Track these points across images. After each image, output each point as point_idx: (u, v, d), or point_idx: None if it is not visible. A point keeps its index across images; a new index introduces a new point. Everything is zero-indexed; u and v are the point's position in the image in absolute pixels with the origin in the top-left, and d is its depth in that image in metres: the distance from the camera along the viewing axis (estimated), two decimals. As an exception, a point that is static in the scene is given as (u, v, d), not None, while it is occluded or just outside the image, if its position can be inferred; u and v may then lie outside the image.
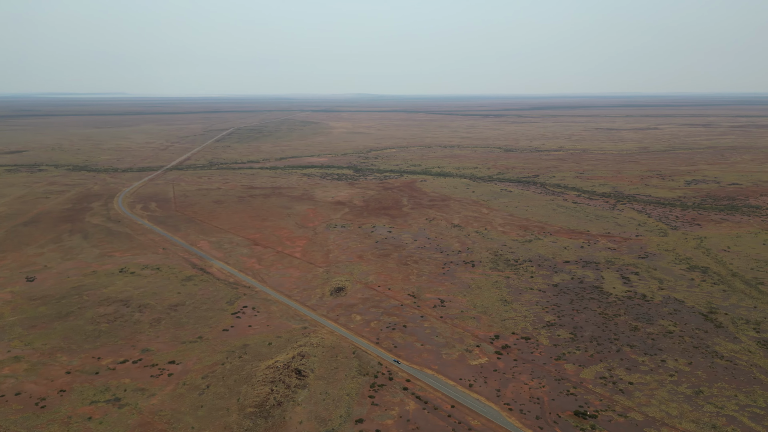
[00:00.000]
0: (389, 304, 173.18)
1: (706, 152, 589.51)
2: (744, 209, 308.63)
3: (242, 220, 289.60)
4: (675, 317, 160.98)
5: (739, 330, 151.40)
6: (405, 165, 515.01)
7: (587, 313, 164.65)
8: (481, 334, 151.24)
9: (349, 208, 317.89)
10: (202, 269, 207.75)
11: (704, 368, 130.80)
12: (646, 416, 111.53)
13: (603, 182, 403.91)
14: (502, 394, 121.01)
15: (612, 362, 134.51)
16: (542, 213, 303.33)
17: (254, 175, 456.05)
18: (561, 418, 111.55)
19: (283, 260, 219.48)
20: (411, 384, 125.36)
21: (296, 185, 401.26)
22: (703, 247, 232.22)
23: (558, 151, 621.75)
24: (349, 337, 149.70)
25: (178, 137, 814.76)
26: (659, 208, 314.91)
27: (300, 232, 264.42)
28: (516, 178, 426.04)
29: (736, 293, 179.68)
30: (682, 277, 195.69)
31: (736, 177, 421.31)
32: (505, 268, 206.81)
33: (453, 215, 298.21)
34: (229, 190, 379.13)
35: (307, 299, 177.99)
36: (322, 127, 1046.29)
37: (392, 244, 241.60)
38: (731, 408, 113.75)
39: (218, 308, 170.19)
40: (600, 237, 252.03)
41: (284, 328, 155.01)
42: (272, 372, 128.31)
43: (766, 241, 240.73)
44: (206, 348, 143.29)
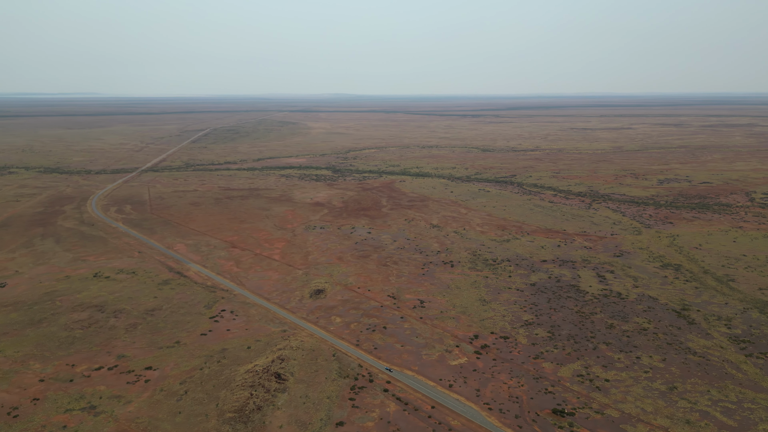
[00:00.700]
0: (369, 305, 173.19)
1: (678, 151, 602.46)
2: (715, 207, 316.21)
3: (219, 222, 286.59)
4: (649, 314, 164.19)
5: (711, 326, 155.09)
6: (384, 165, 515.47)
7: (564, 312, 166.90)
8: (460, 334, 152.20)
9: (328, 209, 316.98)
10: (179, 273, 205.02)
11: (678, 364, 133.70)
12: (622, 413, 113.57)
13: (579, 182, 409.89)
14: (481, 393, 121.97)
15: (589, 360, 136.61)
16: (519, 212, 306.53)
17: (231, 176, 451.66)
18: (540, 416, 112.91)
19: (262, 262, 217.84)
20: (391, 385, 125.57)
21: (274, 186, 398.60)
22: (676, 245, 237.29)
23: (534, 151, 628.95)
24: (329, 339, 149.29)
25: (152, 138, 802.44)
26: (633, 206, 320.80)
27: (278, 233, 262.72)
28: (494, 178, 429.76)
29: (707, 290, 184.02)
30: (656, 275, 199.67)
31: (707, 176, 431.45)
32: (483, 268, 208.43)
33: (432, 215, 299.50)
34: (206, 192, 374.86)
35: (287, 302, 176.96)
36: (300, 127, 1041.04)
37: (372, 245, 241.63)
38: (704, 403, 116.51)
39: (196, 312, 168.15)
40: (576, 236, 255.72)
41: (263, 332, 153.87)
42: (251, 376, 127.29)
43: (737, 238, 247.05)
44: (184, 353, 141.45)
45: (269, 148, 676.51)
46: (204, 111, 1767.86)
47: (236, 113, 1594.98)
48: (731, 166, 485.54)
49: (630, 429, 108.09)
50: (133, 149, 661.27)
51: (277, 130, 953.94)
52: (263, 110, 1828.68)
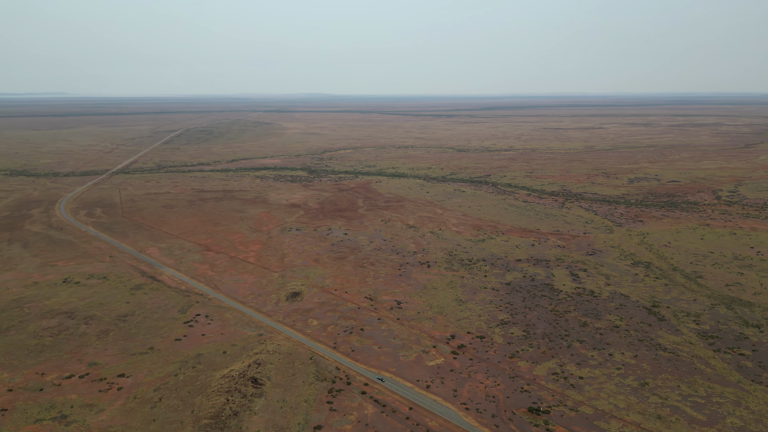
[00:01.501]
0: (346, 307, 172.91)
1: (648, 151, 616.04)
2: (683, 205, 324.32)
3: (193, 225, 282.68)
4: (621, 312, 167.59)
5: (680, 322, 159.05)
6: (360, 166, 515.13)
7: (539, 311, 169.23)
8: (437, 335, 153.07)
9: (304, 211, 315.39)
10: (152, 277, 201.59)
11: (649, 360, 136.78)
12: (596, 409, 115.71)
13: (552, 181, 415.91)
14: (458, 393, 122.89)
15: (563, 358, 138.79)
16: (494, 212, 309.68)
17: (205, 178, 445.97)
18: (516, 415, 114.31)
19: (237, 266, 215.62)
20: (369, 388, 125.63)
21: (249, 188, 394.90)
22: (646, 243, 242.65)
23: (508, 150, 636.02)
24: (306, 342, 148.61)
25: (123, 139, 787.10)
26: (605, 205, 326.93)
27: (254, 236, 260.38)
28: (468, 178, 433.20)
29: (677, 287, 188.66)
30: (627, 273, 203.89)
31: (675, 174, 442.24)
32: (459, 268, 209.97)
33: (408, 216, 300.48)
34: (179, 194, 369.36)
35: (263, 305, 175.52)
36: (274, 127, 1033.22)
37: (348, 246, 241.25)
38: (675, 398, 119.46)
39: (170, 317, 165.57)
40: (550, 235, 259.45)
41: (239, 336, 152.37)
42: (227, 381, 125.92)
43: (704, 236, 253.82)
44: (158, 359, 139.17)
45: (243, 149, 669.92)
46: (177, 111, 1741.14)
47: (209, 113, 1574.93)
48: (698, 164, 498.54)
49: (603, 425, 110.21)
50: (103, 151, 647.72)
51: (252, 131, 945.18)
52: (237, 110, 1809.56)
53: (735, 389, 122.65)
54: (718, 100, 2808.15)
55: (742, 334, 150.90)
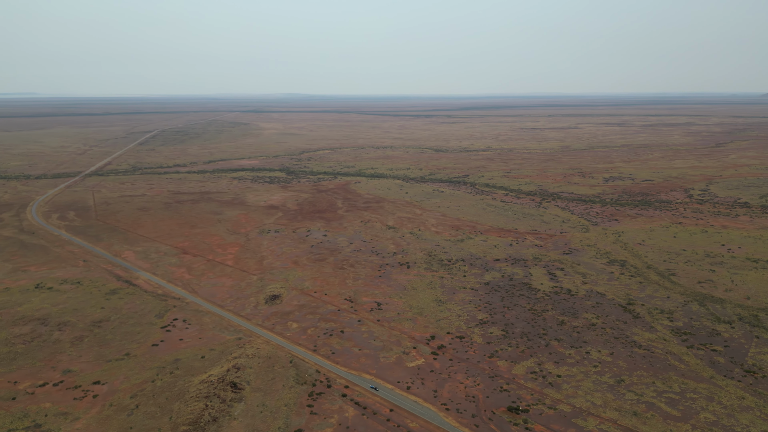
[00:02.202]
0: (326, 309, 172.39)
1: (622, 150, 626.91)
2: (656, 204, 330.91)
3: (170, 227, 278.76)
4: (597, 310, 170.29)
5: (654, 320, 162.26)
6: (338, 166, 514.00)
7: (517, 310, 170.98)
8: (417, 336, 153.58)
9: (282, 212, 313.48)
10: (128, 281, 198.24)
11: (624, 358, 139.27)
12: (574, 407, 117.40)
13: (529, 181, 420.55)
14: (439, 394, 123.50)
15: (541, 357, 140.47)
16: (473, 212, 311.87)
17: (181, 179, 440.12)
18: (496, 414, 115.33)
19: (215, 269, 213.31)
20: (350, 390, 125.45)
21: (226, 189, 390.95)
22: (621, 242, 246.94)
23: (486, 150, 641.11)
24: (285, 345, 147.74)
25: (97, 140, 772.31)
26: (581, 204, 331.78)
27: (232, 238, 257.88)
28: (447, 179, 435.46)
29: (651, 284, 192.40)
30: (603, 271, 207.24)
31: (649, 173, 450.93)
32: (439, 269, 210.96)
33: (388, 217, 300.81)
34: (155, 196, 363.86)
35: (241, 309, 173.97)
36: (252, 128, 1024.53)
37: (328, 248, 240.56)
38: (650, 395, 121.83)
39: (146, 322, 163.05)
40: (527, 234, 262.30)
41: (218, 340, 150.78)
42: (206, 387, 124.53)
43: (677, 234, 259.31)
44: (134, 365, 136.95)
45: (220, 150, 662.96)
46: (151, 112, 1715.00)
47: (185, 114, 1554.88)
48: (671, 164, 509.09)
49: (581, 423, 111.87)
50: (76, 152, 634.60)
51: (229, 131, 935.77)
52: (213, 110, 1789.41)
53: (708, 385, 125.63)
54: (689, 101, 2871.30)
55: (714, 330, 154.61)
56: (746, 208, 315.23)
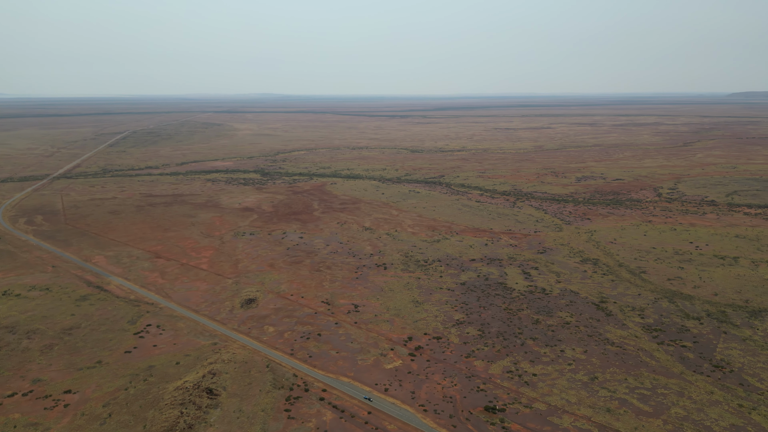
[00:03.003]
0: (303, 312, 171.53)
1: (593, 150, 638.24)
2: (627, 203, 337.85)
3: (142, 231, 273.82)
4: (571, 308, 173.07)
5: (626, 317, 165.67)
6: (314, 167, 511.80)
7: (493, 310, 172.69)
8: (394, 337, 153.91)
9: (257, 215, 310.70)
10: (99, 287, 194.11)
11: (598, 355, 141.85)
12: (549, 405, 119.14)
13: (503, 181, 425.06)
14: (416, 395, 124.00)
15: (517, 356, 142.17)
16: (449, 213, 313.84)
17: (153, 182, 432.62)
18: (473, 414, 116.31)
19: (189, 273, 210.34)
20: (327, 393, 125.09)
21: (200, 192, 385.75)
22: (594, 240, 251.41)
23: (461, 151, 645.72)
24: (262, 350, 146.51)
25: (65, 142, 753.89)
26: (554, 204, 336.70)
27: (206, 241, 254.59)
28: (423, 179, 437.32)
29: (622, 282, 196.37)
30: (576, 270, 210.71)
31: (620, 173, 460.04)
32: (415, 269, 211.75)
33: (364, 218, 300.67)
34: (126, 199, 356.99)
35: (217, 313, 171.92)
36: (225, 128, 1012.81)
37: (304, 250, 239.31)
38: (622, 391, 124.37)
39: (119, 329, 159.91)
40: (502, 234, 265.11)
41: (193, 346, 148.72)
42: (181, 393, 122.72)
43: (647, 232, 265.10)
44: (107, 373, 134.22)
45: (193, 151, 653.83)
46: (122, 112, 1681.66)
47: (157, 114, 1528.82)
48: (640, 163, 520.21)
49: (556, 420, 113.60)
50: (44, 154, 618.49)
51: (202, 132, 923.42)
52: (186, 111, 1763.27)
53: (678, 380, 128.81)
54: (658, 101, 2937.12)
55: (684, 326, 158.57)
56: (713, 206, 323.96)
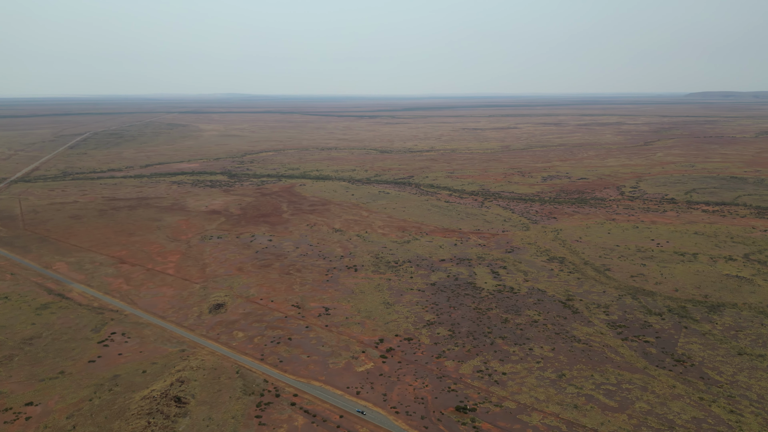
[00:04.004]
0: (273, 317, 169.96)
1: (559, 149, 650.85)
2: (591, 201, 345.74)
3: (105, 236, 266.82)
4: (539, 307, 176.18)
5: (592, 314, 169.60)
6: (283, 169, 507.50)
7: (463, 309, 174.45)
8: (366, 340, 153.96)
9: (225, 217, 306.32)
10: (61, 295, 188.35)
11: (565, 352, 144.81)
12: (519, 403, 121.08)
13: (471, 181, 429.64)
14: (388, 398, 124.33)
15: (487, 355, 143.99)
16: (418, 213, 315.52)
17: (117, 185, 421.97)
18: (444, 415, 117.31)
19: (155, 278, 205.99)
20: (299, 398, 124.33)
21: (165, 194, 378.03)
22: (560, 239, 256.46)
23: (430, 151, 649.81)
24: (231, 356, 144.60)
25: (22, 144, 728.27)
26: (521, 203, 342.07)
27: (172, 246, 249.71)
28: (393, 180, 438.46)
29: (588, 280, 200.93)
30: (544, 268, 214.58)
31: (584, 172, 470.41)
32: (386, 271, 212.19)
33: (334, 219, 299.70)
34: (88, 203, 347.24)
35: (184, 319, 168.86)
36: (191, 129, 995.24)
37: (273, 253, 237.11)
38: (589, 387, 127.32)
39: (82, 337, 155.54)
40: (471, 234, 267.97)
41: (160, 353, 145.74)
42: (148, 403, 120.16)
43: (611, 230, 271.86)
44: (70, 383, 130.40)
45: (158, 153, 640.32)
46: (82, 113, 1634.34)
47: (119, 115, 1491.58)
48: (604, 162, 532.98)
49: (526, 418, 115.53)
50: (0, 157, 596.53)
51: (166, 133, 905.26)
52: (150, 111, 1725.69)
53: (642, 375, 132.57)
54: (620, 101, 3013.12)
55: (647, 322, 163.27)
56: (673, 204, 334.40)
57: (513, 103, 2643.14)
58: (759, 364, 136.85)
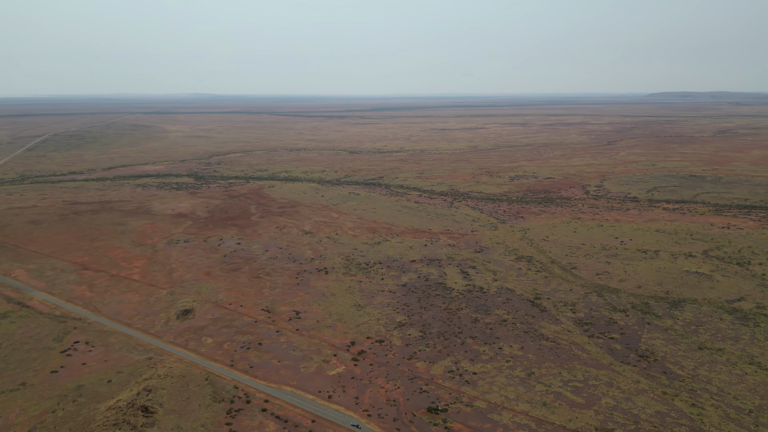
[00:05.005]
0: (242, 321, 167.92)
1: (525, 149, 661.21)
2: (557, 201, 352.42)
3: (67, 241, 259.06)
4: (508, 306, 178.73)
5: (559, 312, 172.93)
6: (251, 170, 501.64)
7: (434, 310, 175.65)
8: (337, 343, 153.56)
9: (192, 221, 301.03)
10: (20, 303, 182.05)
11: (534, 351, 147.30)
12: (489, 403, 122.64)
13: (440, 181, 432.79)
14: (360, 401, 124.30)
15: (458, 355, 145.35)
16: (388, 214, 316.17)
17: (78, 188, 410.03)
18: (416, 416, 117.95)
19: (120, 284, 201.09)
20: (269, 404, 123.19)
21: (129, 198, 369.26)
22: (527, 238, 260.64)
23: (399, 152, 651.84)
24: (200, 362, 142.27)
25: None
26: (489, 203, 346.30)
27: (137, 250, 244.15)
28: (362, 181, 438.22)
29: (555, 279, 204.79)
30: (512, 268, 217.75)
31: (550, 171, 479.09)
32: (357, 273, 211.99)
33: (304, 222, 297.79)
34: (48, 208, 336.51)
35: (151, 326, 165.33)
36: (156, 130, 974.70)
37: (242, 256, 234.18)
38: (557, 385, 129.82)
39: (43, 347, 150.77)
40: (441, 234, 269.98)
41: (126, 362, 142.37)
42: (114, 413, 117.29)
43: (576, 229, 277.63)
44: (32, 395, 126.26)
45: (121, 155, 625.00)
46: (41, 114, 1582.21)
47: (80, 116, 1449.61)
48: (569, 162, 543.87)
49: (496, 417, 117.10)
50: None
51: (130, 135, 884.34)
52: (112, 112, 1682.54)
53: (608, 371, 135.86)
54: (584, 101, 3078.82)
55: (612, 319, 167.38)
56: (635, 202, 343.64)
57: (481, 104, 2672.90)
58: (718, 358, 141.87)
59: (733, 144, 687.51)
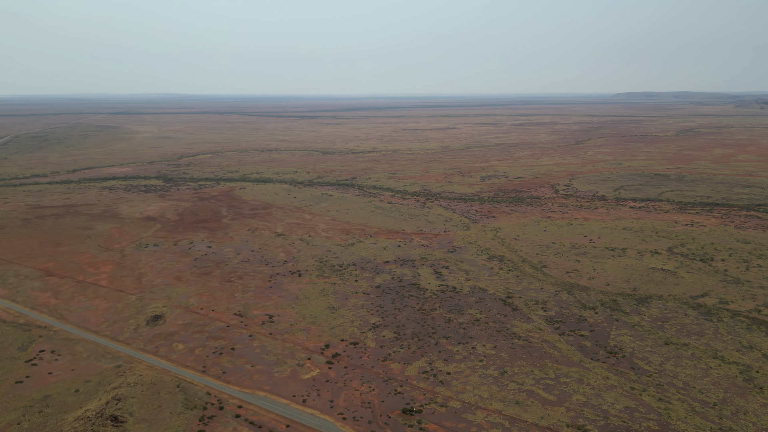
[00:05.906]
0: (214, 326, 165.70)
1: (496, 149, 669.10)
2: (528, 200, 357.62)
3: (30, 246, 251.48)
4: (480, 305, 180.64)
5: (530, 311, 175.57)
6: (221, 172, 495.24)
7: (408, 311, 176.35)
8: (311, 346, 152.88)
9: (161, 224, 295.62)
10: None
11: (506, 350, 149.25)
12: (463, 402, 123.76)
13: (413, 182, 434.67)
14: (335, 404, 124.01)
15: (432, 356, 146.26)
16: (362, 215, 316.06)
17: (41, 191, 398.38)
18: (391, 418, 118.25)
19: (87, 290, 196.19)
20: (243, 410, 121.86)
21: (96, 201, 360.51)
22: (499, 238, 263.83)
23: (372, 152, 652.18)
24: (171, 369, 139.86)
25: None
26: (462, 203, 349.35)
27: (104, 255, 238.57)
28: (335, 182, 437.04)
29: (526, 277, 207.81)
30: (484, 267, 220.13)
31: (520, 171, 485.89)
32: (331, 275, 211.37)
33: (276, 223, 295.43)
34: (10, 212, 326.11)
35: (119, 333, 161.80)
36: (122, 131, 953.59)
37: (213, 260, 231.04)
38: (529, 383, 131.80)
39: (7, 357, 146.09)
40: (414, 235, 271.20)
41: (94, 370, 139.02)
42: (83, 423, 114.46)
43: (546, 228, 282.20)
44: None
45: (87, 157, 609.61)
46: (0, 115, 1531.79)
47: (43, 117, 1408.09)
48: (539, 161, 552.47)
49: (470, 417, 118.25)
50: None
51: (96, 136, 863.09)
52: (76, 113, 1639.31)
53: (578, 368, 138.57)
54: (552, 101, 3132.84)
55: (581, 316, 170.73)
56: (603, 201, 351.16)
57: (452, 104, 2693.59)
58: (684, 353, 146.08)
59: (695, 143, 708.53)
